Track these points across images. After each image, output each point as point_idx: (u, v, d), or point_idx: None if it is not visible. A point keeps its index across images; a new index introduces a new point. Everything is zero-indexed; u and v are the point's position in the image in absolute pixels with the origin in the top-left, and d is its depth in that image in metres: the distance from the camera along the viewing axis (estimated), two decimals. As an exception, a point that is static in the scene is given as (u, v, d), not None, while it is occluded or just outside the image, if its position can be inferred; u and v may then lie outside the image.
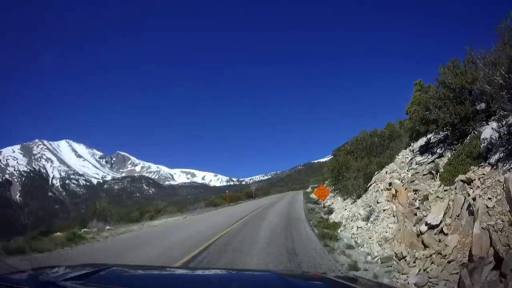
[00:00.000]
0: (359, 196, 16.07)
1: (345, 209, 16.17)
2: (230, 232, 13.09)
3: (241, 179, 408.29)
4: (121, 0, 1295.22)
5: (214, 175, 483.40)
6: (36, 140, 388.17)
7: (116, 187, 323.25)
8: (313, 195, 38.46)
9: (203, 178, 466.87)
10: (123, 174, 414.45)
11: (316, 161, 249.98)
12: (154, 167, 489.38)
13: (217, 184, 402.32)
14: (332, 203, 23.02)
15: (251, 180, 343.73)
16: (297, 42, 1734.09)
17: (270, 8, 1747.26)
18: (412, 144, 15.58)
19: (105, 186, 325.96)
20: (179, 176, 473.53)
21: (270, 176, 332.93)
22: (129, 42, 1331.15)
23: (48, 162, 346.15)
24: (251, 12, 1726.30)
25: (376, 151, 23.39)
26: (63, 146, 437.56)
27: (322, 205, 23.09)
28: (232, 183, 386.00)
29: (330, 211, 18.41)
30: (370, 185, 16.00)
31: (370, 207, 12.44)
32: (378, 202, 11.78)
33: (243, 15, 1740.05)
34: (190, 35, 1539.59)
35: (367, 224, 11.17)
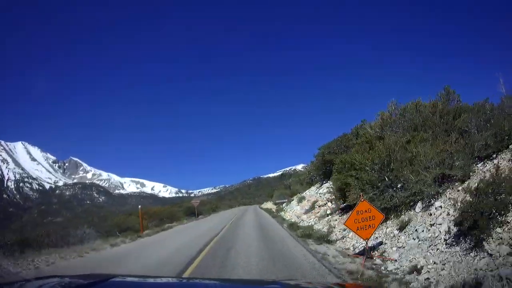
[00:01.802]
0: None
1: None
2: None
3: (190, 191, 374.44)
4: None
5: (164, 186, 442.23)
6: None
7: (67, 193, 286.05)
8: (287, 217, 22.08)
9: (152, 189, 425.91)
10: (75, 180, 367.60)
11: (265, 176, 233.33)
12: (105, 175, 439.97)
13: (166, 195, 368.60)
14: (390, 246, 7.92)
15: (200, 193, 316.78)
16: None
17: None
18: None
19: (57, 191, 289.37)
20: (129, 185, 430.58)
21: (219, 189, 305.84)
22: (84, 47, 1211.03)
23: (4, 163, 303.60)
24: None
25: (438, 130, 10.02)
26: (19, 148, 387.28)
27: (365, 254, 7.87)
28: (181, 194, 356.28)
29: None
30: None
31: None
32: None
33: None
34: (145, 42, 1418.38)
35: None
